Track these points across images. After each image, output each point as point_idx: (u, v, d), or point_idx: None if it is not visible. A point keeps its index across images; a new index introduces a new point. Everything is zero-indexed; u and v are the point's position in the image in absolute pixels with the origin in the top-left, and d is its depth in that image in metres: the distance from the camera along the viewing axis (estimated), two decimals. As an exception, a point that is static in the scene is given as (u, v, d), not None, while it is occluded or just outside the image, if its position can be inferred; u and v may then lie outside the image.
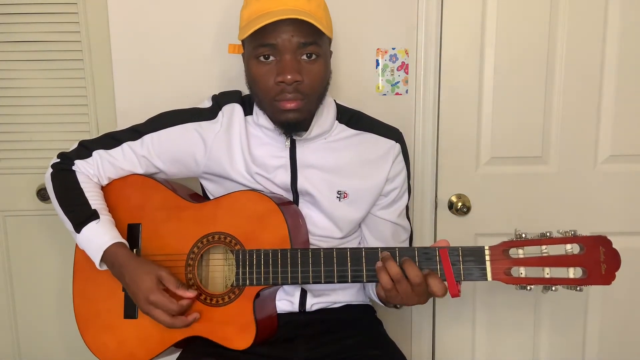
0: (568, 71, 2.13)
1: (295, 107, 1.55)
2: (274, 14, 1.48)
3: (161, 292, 1.53)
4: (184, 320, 1.54)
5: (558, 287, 1.35)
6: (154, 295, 1.52)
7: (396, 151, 1.73)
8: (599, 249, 1.34)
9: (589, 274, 1.34)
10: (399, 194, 1.76)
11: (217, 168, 1.70)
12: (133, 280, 1.56)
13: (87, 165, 1.72)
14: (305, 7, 1.52)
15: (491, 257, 1.39)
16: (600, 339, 2.34)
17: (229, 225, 1.61)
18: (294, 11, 1.49)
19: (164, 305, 1.52)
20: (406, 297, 1.44)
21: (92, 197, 1.68)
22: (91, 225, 1.62)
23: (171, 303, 1.52)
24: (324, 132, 1.68)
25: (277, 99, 1.55)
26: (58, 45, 2.09)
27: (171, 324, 1.53)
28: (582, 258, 1.34)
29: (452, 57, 2.13)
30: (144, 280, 1.54)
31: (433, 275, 1.42)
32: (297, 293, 1.72)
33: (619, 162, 2.20)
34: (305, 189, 1.68)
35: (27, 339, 2.32)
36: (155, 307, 1.53)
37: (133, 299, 1.59)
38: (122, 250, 1.61)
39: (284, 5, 1.51)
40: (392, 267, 1.42)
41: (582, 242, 1.35)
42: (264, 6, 1.52)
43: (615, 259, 1.34)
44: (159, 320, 1.54)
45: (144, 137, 1.72)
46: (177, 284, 1.55)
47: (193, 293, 1.55)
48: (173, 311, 1.52)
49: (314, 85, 1.56)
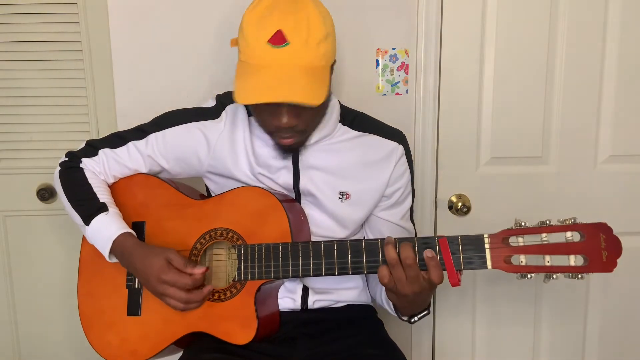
0: (568, 71, 2.13)
1: (292, 142, 1.58)
2: (267, 77, 1.44)
3: (172, 270, 1.54)
4: (199, 294, 1.55)
5: (559, 275, 1.35)
6: (166, 274, 1.53)
7: (399, 153, 1.72)
8: (599, 236, 1.33)
9: (590, 262, 1.33)
10: (401, 196, 1.75)
11: (220, 167, 1.71)
12: (144, 265, 1.57)
13: (94, 163, 1.73)
14: (302, 58, 1.46)
15: (491, 245, 1.39)
16: (601, 333, 2.34)
17: (231, 221, 1.62)
18: (291, 75, 1.45)
19: (178, 281, 1.53)
20: (400, 285, 1.43)
21: (100, 192, 1.69)
22: (100, 217, 1.64)
23: (183, 277, 1.53)
24: (326, 136, 1.68)
25: (274, 134, 1.57)
26: (58, 45, 2.09)
27: (187, 299, 1.54)
28: (583, 245, 1.33)
29: (452, 57, 2.14)
30: (154, 262, 1.55)
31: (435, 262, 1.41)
32: (299, 290, 1.72)
33: (619, 162, 2.20)
34: (308, 189, 1.68)
35: (27, 339, 2.32)
36: (169, 285, 1.53)
37: (146, 285, 1.60)
38: (130, 239, 1.62)
39: (281, 60, 1.45)
40: (390, 251, 1.42)
41: (583, 229, 1.34)
42: (260, 54, 1.46)
43: (616, 246, 1.33)
44: (174, 298, 1.54)
45: (149, 136, 1.72)
46: (184, 263, 1.55)
47: (202, 268, 1.55)
48: (187, 285, 1.53)
49: (310, 123, 1.58)
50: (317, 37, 1.46)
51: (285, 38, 1.43)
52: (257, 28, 1.45)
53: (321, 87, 1.48)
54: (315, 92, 1.45)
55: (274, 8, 1.46)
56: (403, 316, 1.63)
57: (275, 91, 1.43)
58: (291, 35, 1.44)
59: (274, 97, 1.42)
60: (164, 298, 1.56)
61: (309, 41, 1.45)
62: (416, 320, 1.60)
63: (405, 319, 1.64)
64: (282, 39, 1.43)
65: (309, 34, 1.45)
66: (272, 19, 1.45)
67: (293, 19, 1.45)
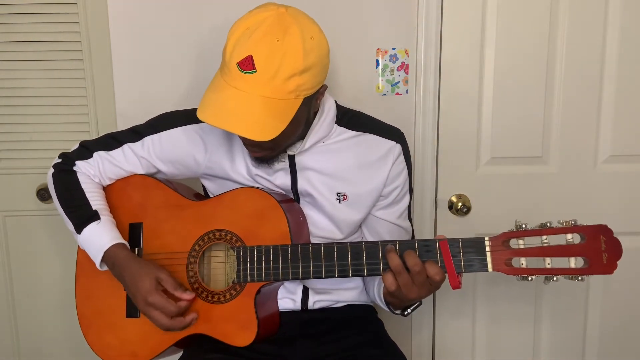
0: (568, 71, 2.13)
1: (262, 156, 1.58)
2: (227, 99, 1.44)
3: (159, 294, 1.53)
4: (181, 322, 1.55)
5: (559, 277, 1.35)
6: (152, 296, 1.52)
7: (396, 152, 1.71)
8: (599, 238, 1.33)
9: (591, 264, 1.33)
10: (399, 195, 1.74)
11: (218, 169, 1.70)
12: (132, 282, 1.56)
13: (88, 166, 1.72)
14: (264, 89, 1.42)
15: (491, 248, 1.38)
16: (601, 333, 2.34)
17: (229, 222, 1.61)
18: (250, 104, 1.43)
19: (162, 307, 1.52)
20: (407, 290, 1.43)
21: (93, 198, 1.68)
22: (92, 226, 1.63)
23: (169, 304, 1.52)
24: (322, 138, 1.67)
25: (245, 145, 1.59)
26: (58, 45, 2.09)
27: (169, 326, 1.54)
28: (583, 247, 1.33)
29: (452, 57, 2.14)
30: (143, 281, 1.54)
31: (431, 262, 1.41)
32: (299, 291, 1.72)
33: (619, 162, 2.20)
34: (306, 190, 1.68)
35: (27, 339, 2.32)
36: (154, 308, 1.53)
37: (133, 300, 1.59)
38: (122, 252, 1.61)
39: (244, 86, 1.43)
40: (393, 258, 1.42)
41: (583, 231, 1.34)
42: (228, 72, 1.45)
43: (616, 248, 1.33)
44: (157, 322, 1.54)
45: (144, 138, 1.72)
46: (175, 286, 1.55)
47: (190, 295, 1.55)
48: (171, 312, 1.53)
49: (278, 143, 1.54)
50: (287, 72, 1.41)
51: (253, 65, 1.40)
52: (234, 45, 1.43)
53: (279, 122, 1.43)
54: (267, 127, 1.42)
55: (256, 29, 1.42)
56: (396, 310, 1.64)
57: (228, 118, 1.42)
58: (260, 64, 1.40)
59: (222, 124, 1.42)
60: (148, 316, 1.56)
61: (278, 75, 1.40)
62: (409, 312, 1.61)
63: (398, 312, 1.64)
64: (250, 65, 1.40)
65: (280, 67, 1.40)
66: (248, 42, 1.41)
67: (268, 48, 1.40)
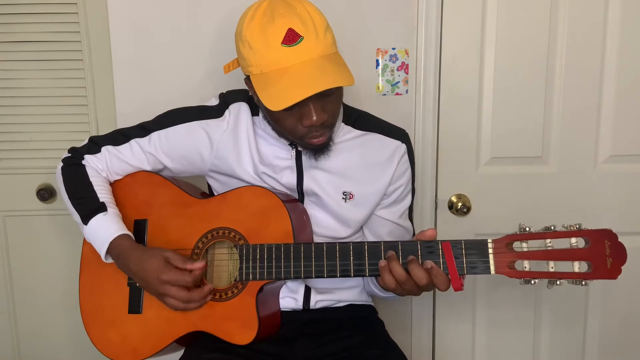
0: (568, 71, 2.13)
1: (325, 139, 1.58)
2: (296, 76, 1.45)
3: (171, 269, 1.54)
4: (200, 292, 1.56)
5: (563, 281, 1.34)
6: (166, 273, 1.53)
7: (402, 151, 1.73)
8: (604, 242, 1.32)
9: (595, 268, 1.32)
10: (401, 194, 1.76)
11: (224, 166, 1.71)
12: (140, 267, 1.57)
13: (96, 160, 1.74)
14: (318, 48, 1.48)
15: (494, 250, 1.38)
16: (601, 338, 2.34)
17: (233, 220, 1.62)
18: (317, 65, 1.46)
19: (178, 280, 1.53)
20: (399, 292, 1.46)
21: (101, 191, 1.69)
22: (98, 217, 1.64)
23: (184, 275, 1.53)
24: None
25: (305, 138, 1.56)
26: (58, 45, 2.09)
27: (188, 298, 1.54)
28: (588, 252, 1.32)
29: (452, 57, 2.14)
30: (152, 262, 1.55)
31: (436, 271, 1.41)
32: (301, 290, 1.72)
33: (619, 162, 2.20)
34: (311, 189, 1.68)
35: (26, 339, 2.32)
36: (170, 285, 1.53)
37: (144, 287, 1.60)
38: (126, 242, 1.62)
39: (301, 56, 1.46)
40: (396, 269, 1.42)
41: (587, 235, 1.33)
42: (278, 58, 1.46)
43: (621, 253, 1.32)
44: (175, 298, 1.54)
45: (151, 134, 1.73)
46: (183, 260, 1.56)
47: (201, 263, 1.55)
48: (187, 282, 1.53)
49: (336, 113, 1.58)
50: (322, 26, 1.50)
51: (298, 34, 1.45)
52: (264, 35, 1.46)
53: (346, 69, 1.50)
54: (344, 74, 1.48)
55: (272, 14, 1.47)
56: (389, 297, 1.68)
57: (308, 86, 1.43)
58: (301, 30, 1.45)
59: (310, 91, 1.42)
60: (165, 298, 1.56)
61: (319, 31, 1.47)
62: None
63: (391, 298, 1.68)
64: (295, 36, 1.45)
65: (315, 25, 1.47)
66: (277, 22, 1.45)
67: (296, 15, 1.46)
